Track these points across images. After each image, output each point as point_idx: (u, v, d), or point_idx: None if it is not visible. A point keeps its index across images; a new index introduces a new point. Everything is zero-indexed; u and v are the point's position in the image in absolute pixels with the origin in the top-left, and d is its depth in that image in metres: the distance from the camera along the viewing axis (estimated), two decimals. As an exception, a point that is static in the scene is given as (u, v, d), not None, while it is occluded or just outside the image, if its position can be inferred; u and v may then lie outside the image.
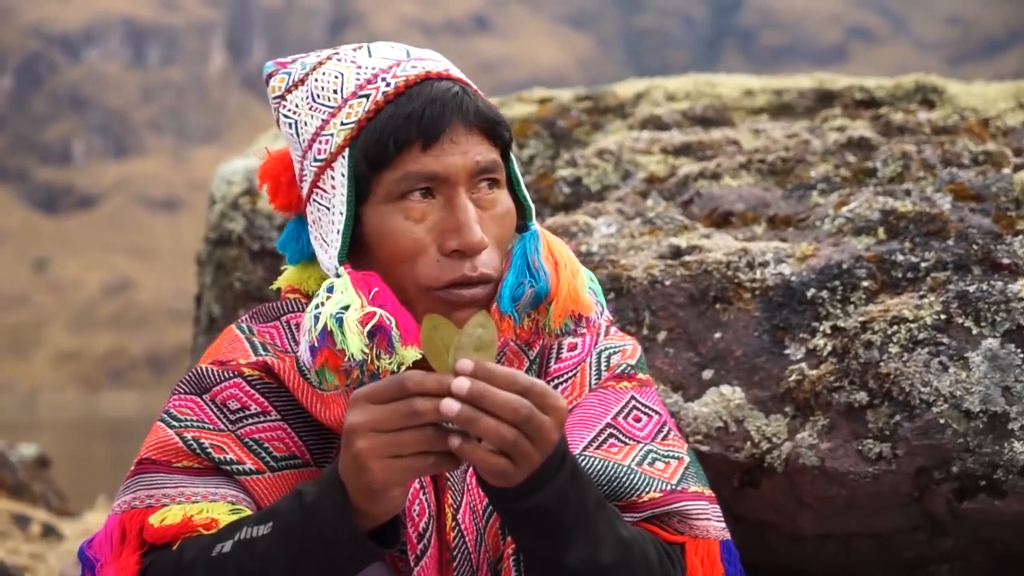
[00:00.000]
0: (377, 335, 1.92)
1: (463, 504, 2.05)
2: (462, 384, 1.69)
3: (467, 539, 2.03)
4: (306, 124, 2.07)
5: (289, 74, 2.11)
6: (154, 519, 1.96)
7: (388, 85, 2.00)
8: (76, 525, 6.64)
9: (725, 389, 2.93)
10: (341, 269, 2.00)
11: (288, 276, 2.22)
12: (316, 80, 2.07)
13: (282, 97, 2.11)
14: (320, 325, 1.92)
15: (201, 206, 4.32)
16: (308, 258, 2.19)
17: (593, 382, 2.18)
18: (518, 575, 2.01)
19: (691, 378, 2.98)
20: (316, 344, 1.93)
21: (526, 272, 2.04)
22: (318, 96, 2.05)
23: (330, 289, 1.97)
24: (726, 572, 2.09)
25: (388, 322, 1.92)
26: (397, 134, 1.96)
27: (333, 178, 2.02)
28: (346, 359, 1.91)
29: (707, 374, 2.96)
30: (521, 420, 1.70)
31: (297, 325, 2.13)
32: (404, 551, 1.99)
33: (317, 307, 1.95)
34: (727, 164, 3.49)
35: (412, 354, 1.93)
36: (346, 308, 1.93)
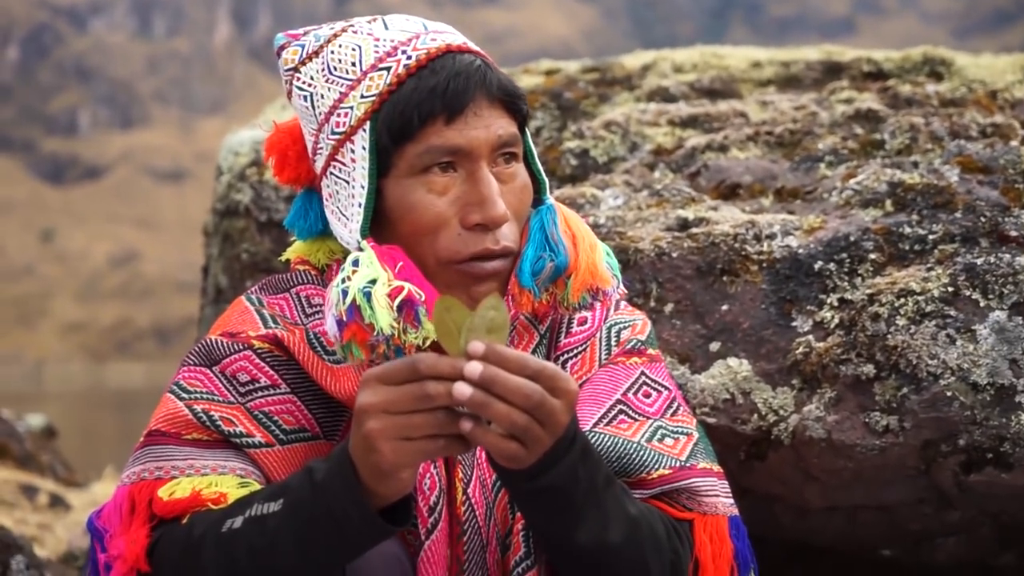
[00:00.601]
0: (404, 309, 1.92)
1: (473, 478, 2.05)
2: (474, 368, 1.67)
3: (477, 513, 2.03)
4: (322, 97, 2.05)
5: (302, 46, 2.10)
6: (163, 492, 1.95)
7: (410, 58, 1.99)
8: (83, 495, 6.64)
9: (732, 361, 2.93)
10: (364, 243, 1.99)
11: (297, 248, 2.21)
12: (332, 52, 2.05)
13: (295, 69, 2.09)
14: (348, 300, 1.92)
15: (207, 177, 4.31)
16: (317, 234, 2.18)
17: (603, 357, 2.18)
18: (527, 549, 2.01)
19: (698, 350, 2.97)
20: (344, 319, 1.92)
21: (545, 246, 2.04)
22: (335, 68, 2.04)
23: (356, 263, 1.96)
24: (735, 548, 2.09)
25: (418, 296, 1.92)
26: (421, 107, 1.96)
27: (353, 151, 2.02)
28: (374, 334, 1.91)
29: (714, 346, 2.96)
30: (533, 406, 1.70)
31: (307, 297, 2.13)
32: (415, 525, 1.99)
33: (344, 281, 1.94)
34: (734, 136, 3.48)
35: None
36: (373, 282, 1.93)
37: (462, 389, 1.67)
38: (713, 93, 3.86)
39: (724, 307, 2.98)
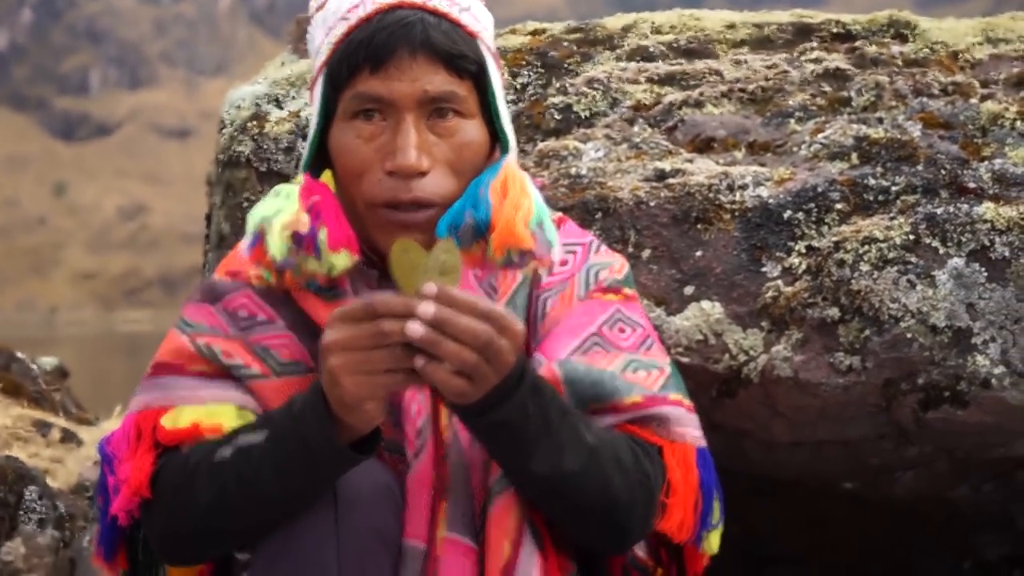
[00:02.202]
0: (304, 240, 1.95)
1: None
2: (427, 308, 1.69)
3: (460, 437, 2.02)
4: (314, 39, 2.10)
5: None
6: (166, 421, 1.98)
7: (365, 10, 2.00)
8: (94, 432, 6.61)
9: (705, 304, 2.93)
10: (301, 176, 2.05)
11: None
12: (332, 1, 2.07)
13: (312, 14, 2.13)
14: (252, 226, 2.00)
15: (211, 134, 4.31)
16: None
17: (582, 295, 2.17)
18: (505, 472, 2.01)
19: (673, 294, 2.97)
20: (249, 243, 2.00)
21: (472, 202, 2.02)
22: (327, 17, 2.06)
23: (276, 194, 2.03)
24: (700, 477, 2.08)
25: (305, 230, 1.95)
26: (350, 59, 1.98)
27: (315, 92, 2.07)
28: (269, 259, 1.96)
29: (688, 290, 2.96)
30: (481, 345, 1.71)
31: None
32: (402, 451, 1.99)
33: (259, 208, 2.02)
34: (709, 93, 3.47)
35: (341, 260, 1.97)
36: (279, 212, 1.98)
37: (414, 328, 1.69)
38: (690, 53, 3.84)
39: (698, 253, 2.98)
